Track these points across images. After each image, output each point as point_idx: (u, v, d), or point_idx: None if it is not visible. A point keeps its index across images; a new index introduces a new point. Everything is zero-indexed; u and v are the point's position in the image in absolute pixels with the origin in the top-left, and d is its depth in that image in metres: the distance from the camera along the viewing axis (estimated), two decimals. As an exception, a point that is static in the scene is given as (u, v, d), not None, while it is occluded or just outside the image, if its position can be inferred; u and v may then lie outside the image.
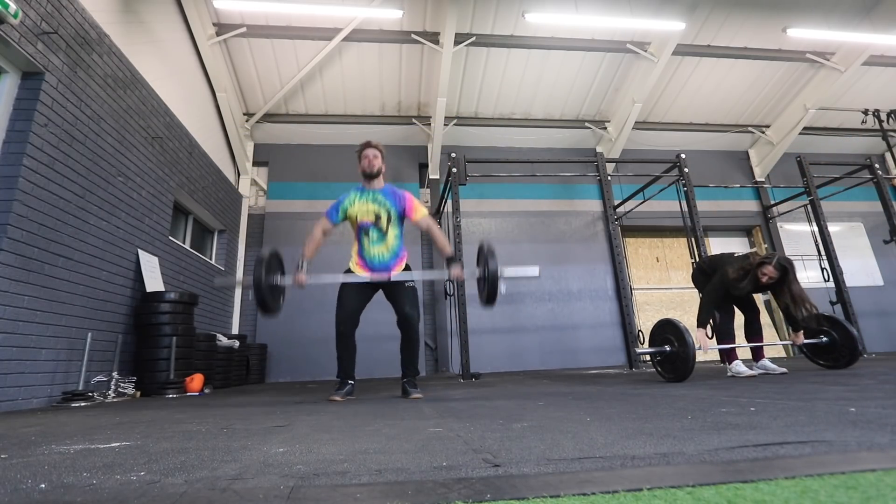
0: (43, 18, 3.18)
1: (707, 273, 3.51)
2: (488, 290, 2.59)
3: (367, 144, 2.90)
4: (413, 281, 2.90)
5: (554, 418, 1.52)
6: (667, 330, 3.03)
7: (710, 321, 3.29)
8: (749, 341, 3.48)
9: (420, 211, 2.86)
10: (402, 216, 2.87)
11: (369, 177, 2.86)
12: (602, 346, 7.08)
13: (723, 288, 3.21)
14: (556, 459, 0.90)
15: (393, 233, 2.85)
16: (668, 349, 2.98)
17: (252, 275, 2.48)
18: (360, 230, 2.85)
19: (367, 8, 5.84)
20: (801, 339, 3.29)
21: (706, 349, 3.10)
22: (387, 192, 2.87)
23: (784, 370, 3.29)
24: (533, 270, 2.81)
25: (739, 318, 3.50)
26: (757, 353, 3.46)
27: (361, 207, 2.84)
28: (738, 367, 3.25)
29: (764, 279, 3.13)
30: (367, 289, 2.89)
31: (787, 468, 0.77)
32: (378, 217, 2.82)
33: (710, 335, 3.24)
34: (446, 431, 1.35)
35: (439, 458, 0.97)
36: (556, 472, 0.81)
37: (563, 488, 0.71)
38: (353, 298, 2.83)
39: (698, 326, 3.14)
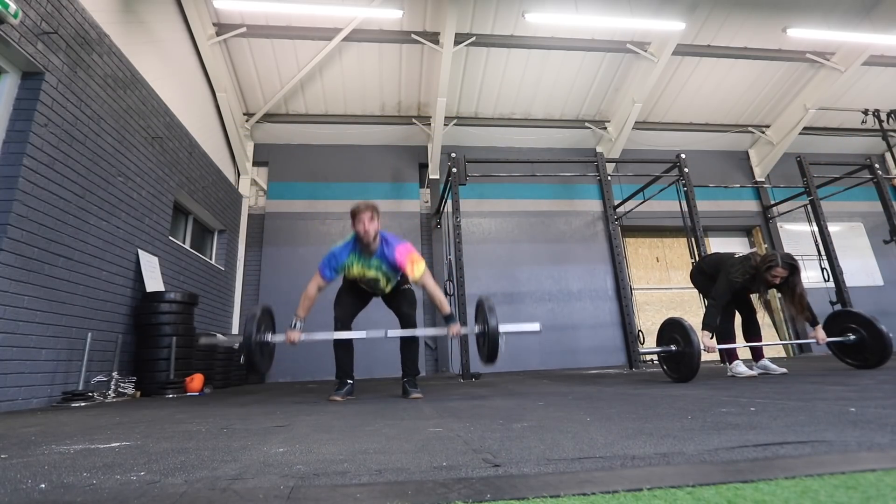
0: (43, 18, 3.18)
1: (706, 273, 3.48)
2: (488, 348, 2.55)
3: (359, 209, 2.71)
4: (410, 284, 2.94)
5: (554, 418, 1.52)
6: (673, 329, 3.00)
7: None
8: (748, 341, 3.46)
9: (418, 268, 2.73)
10: (399, 272, 2.86)
11: (366, 245, 2.76)
12: (602, 346, 7.08)
13: (728, 292, 3.19)
14: (556, 459, 0.90)
15: (391, 285, 2.95)
16: (673, 349, 2.96)
17: (243, 334, 2.47)
18: (363, 283, 2.95)
19: (367, 8, 5.84)
20: (822, 335, 3.16)
21: (713, 350, 3.08)
22: (381, 255, 2.77)
23: (784, 370, 3.28)
24: (534, 326, 2.76)
25: (738, 319, 3.49)
26: (757, 353, 3.45)
27: (360, 270, 2.82)
28: (739, 367, 3.24)
29: (776, 280, 3.11)
30: (366, 293, 2.98)
31: (787, 468, 0.77)
32: (377, 280, 2.86)
33: (711, 336, 3.23)
34: (446, 431, 1.35)
35: (439, 458, 0.97)
36: (556, 472, 0.81)
37: (563, 488, 0.71)
38: (351, 302, 2.93)
39: (703, 329, 3.13)
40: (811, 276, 7.62)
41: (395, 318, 3.01)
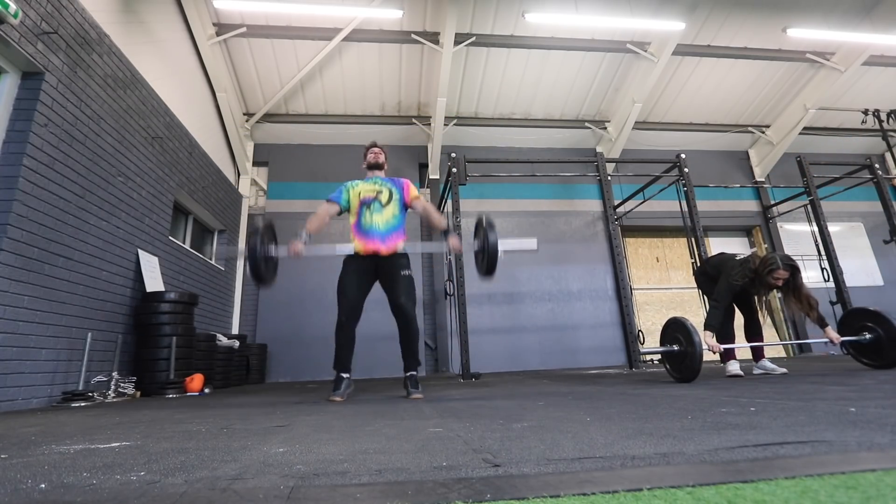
0: (43, 18, 3.18)
1: (709, 275, 3.48)
2: (487, 262, 2.68)
3: (374, 144, 3.19)
4: (409, 270, 2.88)
5: (554, 418, 1.52)
6: (676, 329, 2.96)
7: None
8: (749, 341, 3.47)
9: (414, 193, 3.03)
10: (403, 198, 3.00)
11: (373, 167, 3.11)
12: (602, 346, 7.08)
13: (730, 293, 3.19)
14: (556, 459, 0.90)
15: (392, 209, 2.92)
16: (676, 349, 2.93)
17: (247, 247, 2.57)
18: (361, 206, 2.91)
19: (367, 8, 5.84)
20: (834, 334, 3.10)
21: (717, 350, 3.08)
22: (386, 179, 3.09)
23: (784, 371, 3.27)
24: (531, 243, 2.97)
25: (739, 319, 3.49)
26: (757, 354, 3.45)
27: (365, 187, 3.00)
28: (732, 366, 3.27)
29: (779, 283, 3.09)
30: (367, 274, 2.85)
31: (787, 468, 0.76)
32: (380, 192, 2.96)
33: (713, 337, 3.22)
34: (446, 431, 1.35)
35: (439, 458, 0.97)
36: (556, 472, 0.81)
37: (563, 488, 0.71)
38: (354, 286, 2.81)
39: (706, 329, 3.12)
40: (811, 276, 7.62)
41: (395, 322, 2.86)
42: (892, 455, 0.82)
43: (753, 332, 3.47)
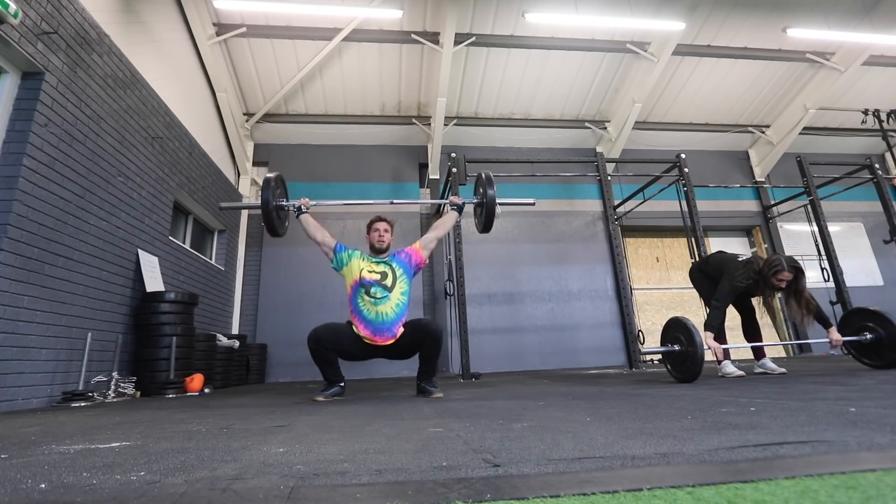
0: (43, 18, 3.18)
1: (708, 274, 3.47)
2: (486, 216, 2.85)
3: (378, 218, 2.92)
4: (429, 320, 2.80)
5: (554, 418, 1.52)
6: (677, 329, 2.95)
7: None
8: (749, 342, 3.47)
9: (423, 251, 2.88)
10: (413, 268, 2.85)
11: (377, 252, 2.85)
12: (602, 346, 7.08)
13: (733, 294, 3.19)
14: (556, 459, 0.90)
15: (399, 290, 2.72)
16: (677, 348, 2.91)
17: (261, 198, 2.75)
18: (360, 287, 2.68)
19: (367, 8, 5.84)
20: (837, 336, 3.09)
21: (718, 350, 3.07)
22: (392, 257, 2.85)
23: (783, 370, 3.27)
24: (528, 200, 3.13)
25: (734, 320, 3.50)
26: (758, 353, 3.45)
27: (367, 265, 2.76)
28: (728, 367, 3.28)
29: (783, 285, 3.08)
30: (372, 350, 2.73)
31: (787, 468, 0.76)
32: (384, 275, 2.73)
33: (714, 337, 3.21)
34: (446, 431, 1.35)
35: (439, 458, 0.97)
36: (556, 472, 0.81)
37: (563, 488, 0.71)
38: (353, 348, 2.70)
39: (706, 330, 3.12)
40: (811, 276, 7.57)
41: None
42: (892, 455, 0.82)
43: (752, 333, 3.47)
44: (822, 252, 6.51)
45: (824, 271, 6.46)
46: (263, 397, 3.26)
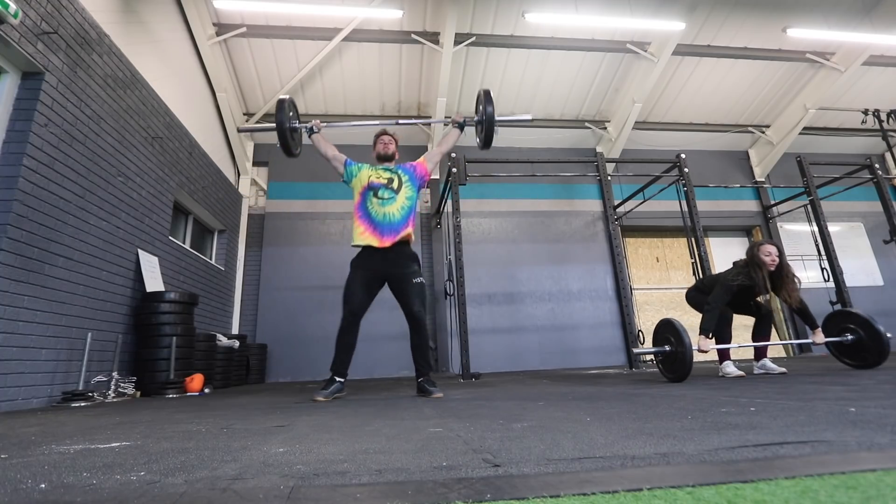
0: (43, 18, 3.18)
1: (705, 292, 3.49)
2: (485, 132, 2.96)
3: (384, 132, 3.11)
4: (421, 277, 2.89)
5: (554, 418, 1.52)
6: (666, 330, 3.06)
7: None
8: (755, 341, 3.49)
9: (427, 163, 3.07)
10: (419, 179, 3.02)
11: (384, 159, 3.05)
12: (602, 346, 7.08)
13: (726, 295, 3.21)
14: (556, 459, 0.90)
15: (405, 194, 2.89)
16: (667, 349, 3.01)
17: (276, 120, 2.96)
18: (368, 191, 2.84)
19: (367, 8, 5.84)
20: (821, 336, 3.19)
21: (706, 350, 3.11)
22: (399, 166, 3.06)
23: (783, 370, 3.29)
24: (525, 116, 3.32)
25: (742, 321, 3.50)
26: (759, 352, 3.47)
27: (374, 173, 2.94)
28: (728, 367, 3.30)
29: (769, 259, 3.16)
30: (375, 281, 2.84)
31: (787, 468, 0.76)
32: (391, 179, 2.90)
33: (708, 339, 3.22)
34: (446, 431, 1.35)
35: (439, 458, 0.97)
36: (556, 472, 0.81)
37: (563, 488, 0.71)
38: (361, 293, 2.78)
39: (700, 333, 3.15)
40: (811, 275, 7.63)
41: (397, 325, 3.02)
42: (892, 455, 0.82)
43: (761, 333, 3.48)
44: (822, 252, 6.51)
45: (824, 271, 6.46)
46: (263, 397, 3.26)
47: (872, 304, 7.73)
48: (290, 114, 3.09)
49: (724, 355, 3.36)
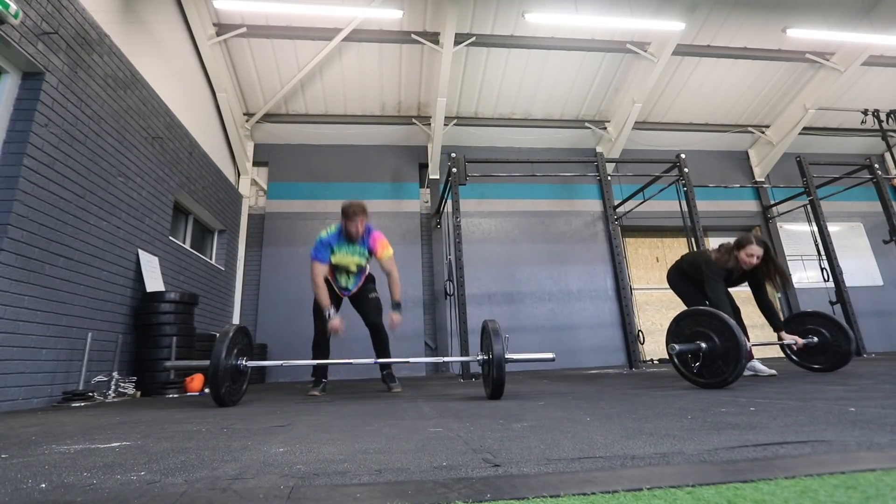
0: (43, 19, 3.18)
1: (686, 273, 3.37)
2: (494, 381, 2.25)
3: (354, 211, 3.22)
4: (376, 292, 3.50)
5: (554, 418, 1.52)
6: (701, 322, 2.44)
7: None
8: None
9: (387, 252, 3.35)
10: (371, 252, 3.40)
11: (352, 238, 3.32)
12: (602, 346, 7.08)
13: (720, 278, 3.04)
14: (556, 459, 0.90)
15: (360, 262, 3.41)
16: (703, 346, 2.39)
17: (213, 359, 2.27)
18: (338, 269, 3.40)
19: (367, 8, 5.84)
20: (790, 338, 3.01)
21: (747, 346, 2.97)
22: (362, 241, 3.37)
23: (773, 372, 3.19)
24: (547, 355, 2.37)
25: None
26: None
27: (345, 258, 3.34)
28: (758, 365, 3.20)
29: (752, 259, 3.01)
30: (338, 298, 3.48)
31: (787, 468, 0.77)
32: (358, 266, 3.40)
33: None
34: (446, 431, 1.35)
35: (439, 458, 0.97)
36: (556, 472, 0.81)
37: (563, 488, 0.71)
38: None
39: None
40: (811, 275, 7.64)
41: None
42: (892, 455, 0.82)
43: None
44: (822, 252, 6.51)
45: (824, 271, 6.46)
46: (263, 397, 3.26)
47: (872, 304, 7.74)
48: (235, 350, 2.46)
49: (749, 353, 3.08)
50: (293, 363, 2.93)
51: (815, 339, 3.05)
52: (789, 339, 3.03)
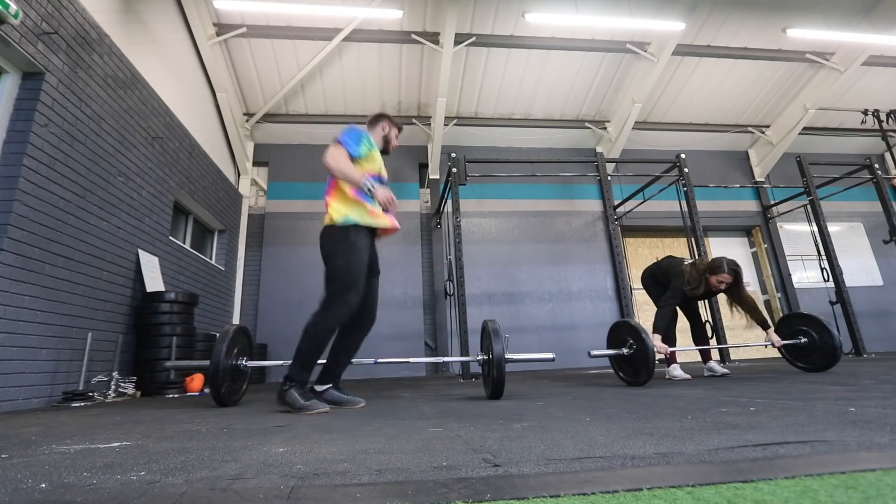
0: (43, 19, 3.18)
1: (658, 280, 3.60)
2: (494, 380, 2.24)
3: (398, 124, 2.63)
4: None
5: (554, 418, 1.52)
6: (624, 331, 3.06)
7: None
8: (697, 345, 3.59)
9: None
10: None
11: (386, 152, 2.58)
12: (602, 346, 7.03)
13: (680, 296, 3.30)
14: (556, 459, 0.90)
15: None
16: (624, 352, 2.99)
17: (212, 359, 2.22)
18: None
19: (367, 8, 5.84)
20: (776, 338, 3.20)
21: (665, 353, 3.14)
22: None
23: (727, 371, 3.42)
24: (547, 355, 2.48)
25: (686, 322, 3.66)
26: (705, 356, 3.61)
27: (380, 160, 2.47)
28: (675, 370, 3.36)
29: (721, 286, 3.23)
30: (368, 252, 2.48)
31: (787, 468, 0.77)
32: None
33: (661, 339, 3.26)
34: (446, 431, 1.35)
35: (439, 458, 0.97)
36: (556, 472, 0.81)
37: (563, 488, 0.71)
38: (365, 273, 2.45)
39: (654, 332, 3.18)
40: (811, 275, 7.64)
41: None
42: (892, 455, 0.82)
43: (700, 337, 3.61)
44: (822, 252, 6.51)
45: (824, 271, 6.46)
46: (263, 397, 3.26)
47: (872, 304, 7.74)
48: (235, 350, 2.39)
49: (672, 358, 3.41)
50: (293, 363, 2.91)
51: (804, 339, 3.16)
52: (775, 339, 3.21)
